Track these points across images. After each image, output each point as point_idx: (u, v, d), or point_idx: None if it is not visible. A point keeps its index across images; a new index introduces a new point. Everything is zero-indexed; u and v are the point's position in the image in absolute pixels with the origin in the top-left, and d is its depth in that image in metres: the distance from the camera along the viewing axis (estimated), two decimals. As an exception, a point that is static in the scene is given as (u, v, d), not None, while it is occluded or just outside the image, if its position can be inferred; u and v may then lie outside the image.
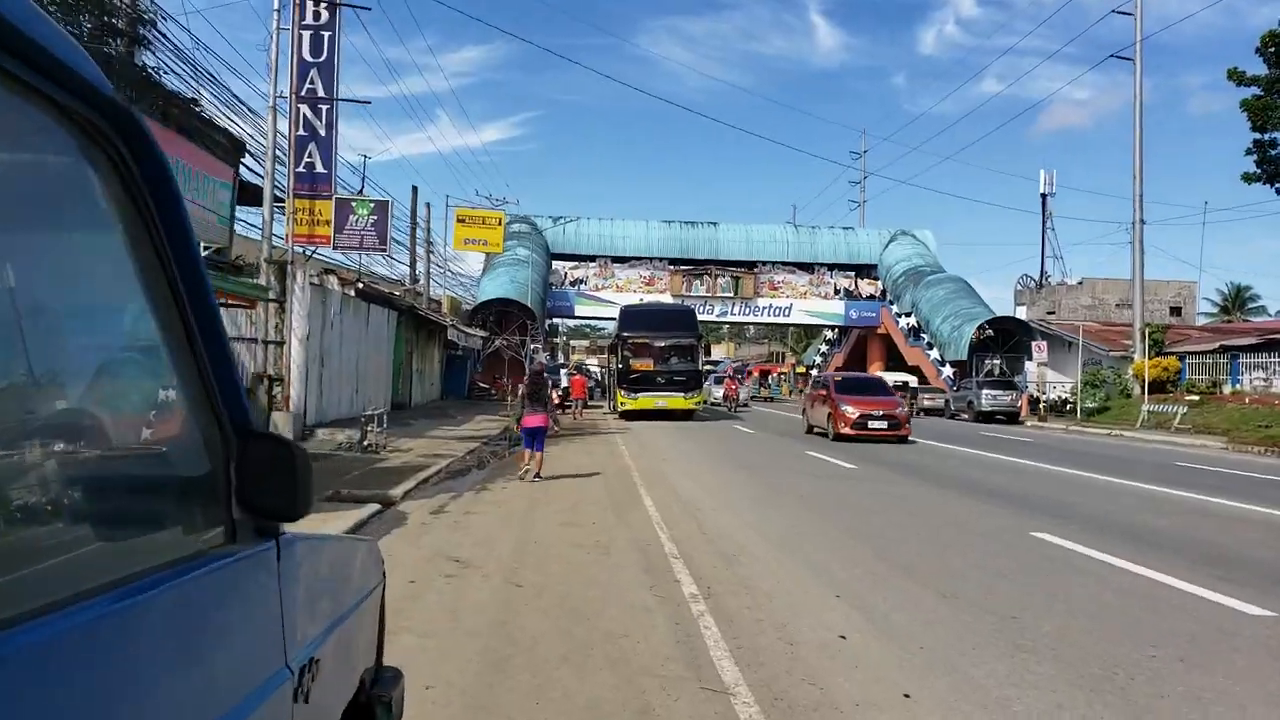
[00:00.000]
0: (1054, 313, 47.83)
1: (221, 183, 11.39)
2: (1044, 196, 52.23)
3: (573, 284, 47.01)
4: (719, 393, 35.92)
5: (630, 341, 26.61)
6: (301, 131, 16.58)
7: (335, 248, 16.75)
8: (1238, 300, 49.78)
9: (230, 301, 12.78)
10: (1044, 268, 52.78)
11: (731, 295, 47.48)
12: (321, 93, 16.58)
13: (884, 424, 17.79)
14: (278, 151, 16.59)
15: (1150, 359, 27.97)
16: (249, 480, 1.36)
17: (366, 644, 2.04)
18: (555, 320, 53.30)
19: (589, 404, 31.01)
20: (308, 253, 18.30)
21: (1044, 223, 52.99)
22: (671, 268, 47.28)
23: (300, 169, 16.61)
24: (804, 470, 13.13)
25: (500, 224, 35.68)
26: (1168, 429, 25.14)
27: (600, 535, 7.60)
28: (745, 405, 36.19)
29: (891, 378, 43.81)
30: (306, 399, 16.59)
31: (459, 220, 37.22)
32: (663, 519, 8.39)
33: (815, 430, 20.30)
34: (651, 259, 47.31)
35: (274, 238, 17.34)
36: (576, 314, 48.85)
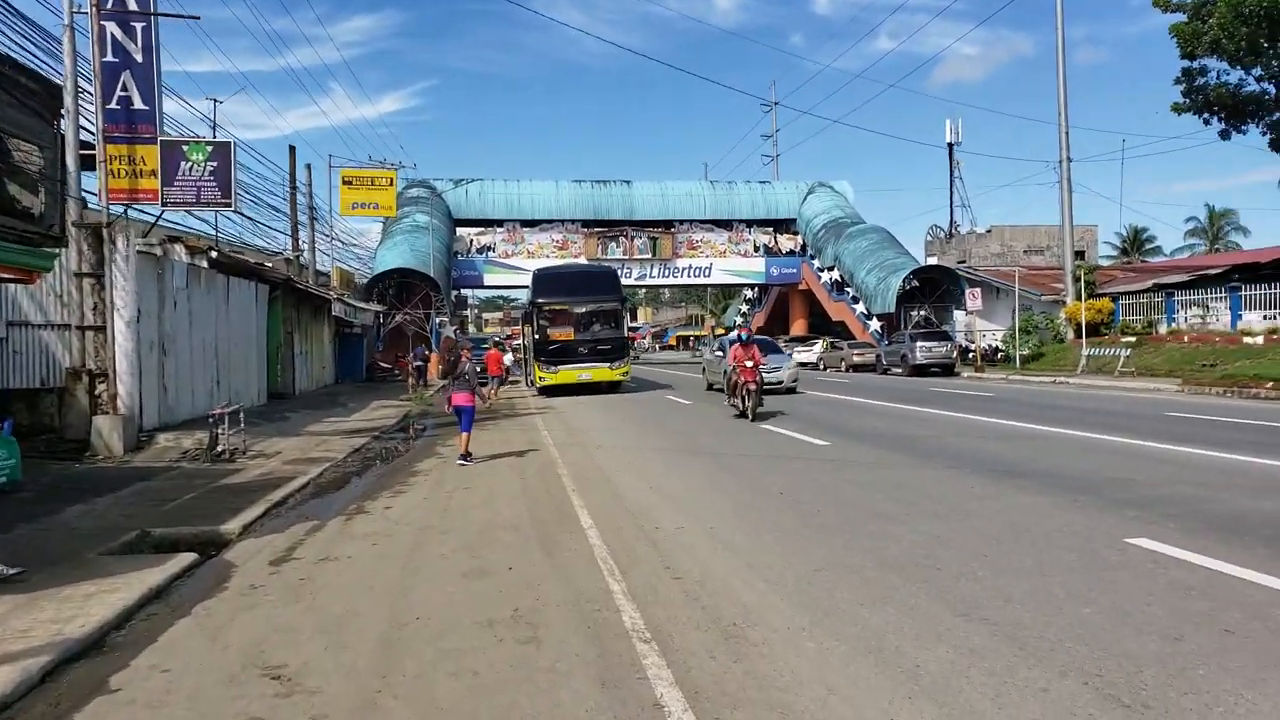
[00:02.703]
0: (965, 261, 47.33)
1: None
2: (950, 146, 51.57)
3: (479, 251, 43.51)
4: (721, 366, 19.47)
5: (546, 309, 23.72)
6: (110, 57, 12.94)
7: (165, 204, 13.21)
8: (1135, 242, 50.41)
9: (-1, 274, 9.35)
10: (953, 217, 52.33)
11: (650, 256, 44.95)
12: (134, 5, 12.97)
13: None
14: (83, 84, 13.04)
15: (1084, 301, 27.00)
16: None
17: None
18: (464, 291, 49.70)
19: (506, 380, 27.96)
20: (138, 215, 14.73)
21: (951, 172, 52.46)
22: (585, 230, 44.31)
23: (113, 105, 13.02)
24: (769, 453, 10.76)
25: (391, 184, 32.00)
26: (1110, 373, 24.15)
27: (521, 596, 4.98)
28: (793, 389, 20.45)
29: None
30: (143, 397, 13.22)
31: (345, 183, 33.31)
32: (612, 554, 5.83)
33: None
34: (563, 221, 44.18)
35: (88, 195, 13.83)
36: (486, 283, 45.38)
